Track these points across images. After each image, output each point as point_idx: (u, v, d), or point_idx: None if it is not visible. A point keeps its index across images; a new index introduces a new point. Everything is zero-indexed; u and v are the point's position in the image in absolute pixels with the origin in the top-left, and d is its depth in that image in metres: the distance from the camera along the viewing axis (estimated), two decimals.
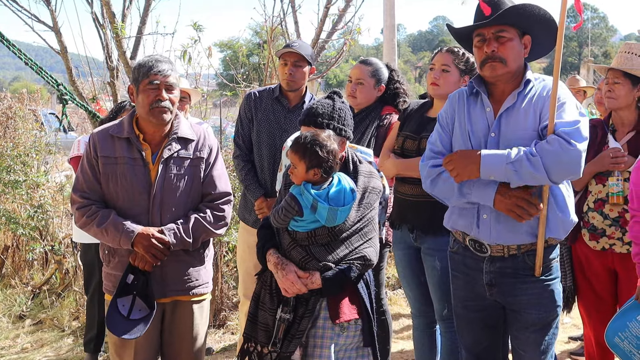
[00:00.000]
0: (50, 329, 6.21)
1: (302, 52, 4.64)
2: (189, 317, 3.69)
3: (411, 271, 4.21)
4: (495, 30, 3.15)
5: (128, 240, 3.44)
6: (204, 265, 3.73)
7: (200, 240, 3.61)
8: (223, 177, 3.73)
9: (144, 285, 3.49)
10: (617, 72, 4.21)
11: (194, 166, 3.61)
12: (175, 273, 3.60)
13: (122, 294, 3.49)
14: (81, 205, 3.54)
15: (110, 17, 6.98)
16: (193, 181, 3.61)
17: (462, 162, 3.10)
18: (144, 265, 3.46)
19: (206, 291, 3.75)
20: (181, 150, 3.58)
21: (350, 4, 7.58)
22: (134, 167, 3.52)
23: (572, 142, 2.94)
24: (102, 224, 3.46)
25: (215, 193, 3.67)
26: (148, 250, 3.43)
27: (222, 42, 40.34)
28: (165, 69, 3.49)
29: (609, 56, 53.72)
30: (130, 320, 3.46)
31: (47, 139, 9.07)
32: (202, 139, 3.68)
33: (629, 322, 3.52)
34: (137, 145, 3.54)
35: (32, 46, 8.44)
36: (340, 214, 3.19)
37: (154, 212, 3.53)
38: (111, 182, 3.53)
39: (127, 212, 3.53)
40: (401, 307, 6.81)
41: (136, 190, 3.52)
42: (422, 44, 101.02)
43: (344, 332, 3.28)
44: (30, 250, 7.03)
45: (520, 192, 3.06)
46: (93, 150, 3.56)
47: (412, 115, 4.22)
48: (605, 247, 4.15)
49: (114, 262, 3.60)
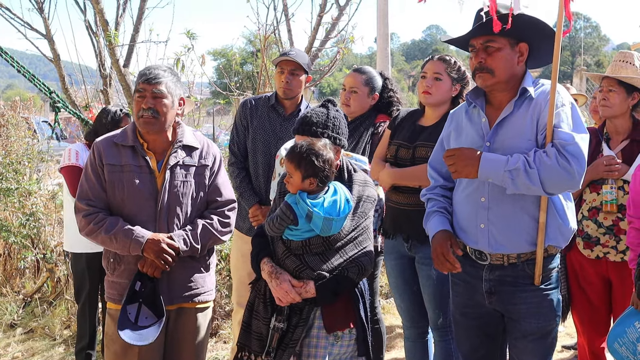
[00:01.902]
0: (41, 337, 6.16)
1: (299, 61, 4.64)
2: (193, 324, 3.69)
3: (403, 281, 4.19)
4: (484, 41, 3.14)
5: (138, 247, 3.44)
6: (209, 272, 3.75)
7: (207, 247, 3.65)
8: (227, 184, 3.79)
9: (150, 293, 3.49)
10: (611, 81, 4.21)
11: (199, 174, 3.64)
12: (182, 279, 3.61)
13: (129, 302, 3.48)
14: (87, 212, 3.52)
15: (104, 24, 6.97)
16: (199, 188, 3.64)
17: (462, 161, 3.09)
18: (154, 271, 3.46)
19: (210, 299, 3.77)
20: (186, 158, 3.61)
21: (343, 13, 7.60)
22: (141, 175, 3.53)
23: (570, 161, 2.92)
24: (111, 230, 3.46)
25: (221, 200, 3.71)
26: (158, 255, 3.43)
27: (216, 50, 40.38)
28: (154, 76, 3.49)
29: (601, 65, 53.96)
30: (139, 327, 3.44)
31: (40, 147, 9.04)
32: (206, 147, 3.72)
33: (626, 328, 3.53)
34: (142, 153, 3.55)
35: (25, 54, 8.43)
36: (335, 224, 3.18)
37: (161, 219, 3.54)
38: (117, 189, 3.52)
39: (134, 219, 3.52)
40: (394, 316, 6.79)
41: (143, 197, 3.52)
42: (416, 53, 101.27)
43: (338, 342, 3.26)
44: (22, 258, 6.99)
45: (445, 247, 3.16)
46: (98, 158, 3.56)
47: (403, 123, 4.21)
48: (599, 256, 4.15)
49: (120, 270, 3.59)
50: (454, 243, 3.20)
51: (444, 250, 3.17)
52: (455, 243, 3.20)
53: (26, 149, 8.32)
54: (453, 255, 3.17)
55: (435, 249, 3.22)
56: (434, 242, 3.27)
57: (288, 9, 7.43)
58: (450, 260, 3.16)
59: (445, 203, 3.40)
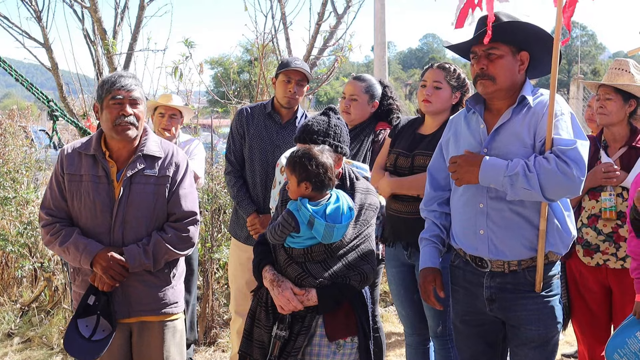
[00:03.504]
0: (39, 347, 6.13)
1: (306, 72, 4.65)
2: (158, 338, 3.59)
3: (404, 289, 4.19)
4: (486, 48, 3.15)
5: (87, 260, 3.41)
6: (171, 284, 3.63)
7: (163, 261, 3.54)
8: (190, 196, 3.63)
9: (106, 305, 3.46)
10: (608, 89, 4.22)
11: (158, 184, 3.54)
12: (138, 293, 3.53)
13: (86, 314, 3.45)
14: (46, 222, 3.52)
15: (102, 33, 6.97)
16: (157, 200, 3.53)
17: (464, 167, 3.11)
18: (103, 286, 3.42)
19: (176, 311, 3.66)
20: (146, 169, 3.52)
21: (341, 21, 7.61)
22: (99, 185, 3.48)
23: (570, 165, 2.93)
24: (64, 243, 3.44)
25: (180, 212, 3.57)
26: (106, 271, 3.39)
27: (213, 59, 40.36)
28: (129, 83, 3.46)
29: (597, 73, 54.11)
30: (90, 342, 3.41)
31: (37, 156, 9.03)
32: (170, 156, 3.60)
33: (627, 339, 3.51)
34: (102, 162, 3.49)
35: (22, 63, 8.39)
36: (337, 231, 3.18)
37: (115, 230, 3.48)
38: (75, 199, 3.49)
39: (90, 230, 3.49)
40: (393, 324, 6.78)
41: (98, 208, 3.47)
42: (412, 61, 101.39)
43: (340, 350, 3.26)
44: (20, 267, 6.96)
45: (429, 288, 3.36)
46: (60, 167, 3.54)
47: (403, 132, 4.22)
48: (599, 263, 4.15)
49: (79, 280, 3.58)
50: (438, 285, 3.36)
51: (427, 289, 3.38)
52: (439, 285, 3.36)
53: (24, 157, 8.31)
54: (435, 298, 3.37)
55: (422, 285, 3.42)
56: (420, 277, 3.44)
57: (286, 17, 7.44)
58: (432, 301, 3.37)
59: (438, 229, 3.46)
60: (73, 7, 7.25)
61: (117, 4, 7.32)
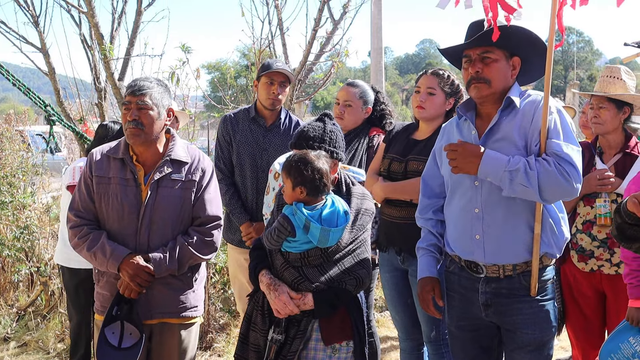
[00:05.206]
0: (35, 351, 6.13)
1: (288, 73, 4.68)
2: (176, 339, 3.66)
3: (398, 294, 4.20)
4: (481, 52, 3.17)
5: (114, 266, 3.45)
6: (193, 288, 3.70)
7: (187, 265, 3.59)
8: (214, 200, 3.70)
9: (128, 313, 3.49)
10: (601, 98, 4.23)
11: (185, 189, 3.59)
12: (161, 296, 3.58)
13: (110, 322, 3.48)
14: (74, 224, 3.55)
15: (99, 38, 6.98)
16: (183, 204, 3.59)
17: (464, 156, 3.10)
18: (130, 294, 3.46)
19: (195, 315, 3.73)
20: (173, 173, 3.57)
21: (338, 27, 7.62)
22: (126, 188, 3.53)
23: (568, 170, 2.95)
24: (92, 248, 3.47)
25: (205, 217, 3.63)
26: (133, 278, 3.43)
27: (210, 64, 40.38)
28: (140, 87, 3.49)
29: (594, 79, 54.17)
30: (121, 351, 3.45)
31: (34, 160, 9.02)
32: (197, 161, 3.66)
33: (621, 344, 3.53)
34: (130, 166, 3.55)
35: (19, 67, 8.43)
36: (332, 235, 3.19)
37: (142, 232, 3.53)
38: (103, 201, 3.54)
39: (117, 232, 3.53)
40: (389, 329, 6.79)
41: (126, 211, 3.51)
42: (409, 67, 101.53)
43: (335, 354, 3.27)
44: (16, 271, 6.96)
45: (428, 297, 3.37)
46: (89, 169, 3.59)
47: (398, 137, 4.23)
48: (593, 269, 4.17)
49: (102, 281, 3.62)
50: (437, 294, 3.37)
51: (426, 299, 3.39)
52: (438, 294, 3.37)
53: (20, 162, 8.30)
54: (434, 307, 3.39)
55: (420, 294, 3.43)
56: (419, 286, 3.45)
57: (283, 23, 7.45)
58: (432, 310, 3.38)
59: (435, 238, 3.47)
60: (70, 12, 7.25)
61: (115, 9, 7.32)
